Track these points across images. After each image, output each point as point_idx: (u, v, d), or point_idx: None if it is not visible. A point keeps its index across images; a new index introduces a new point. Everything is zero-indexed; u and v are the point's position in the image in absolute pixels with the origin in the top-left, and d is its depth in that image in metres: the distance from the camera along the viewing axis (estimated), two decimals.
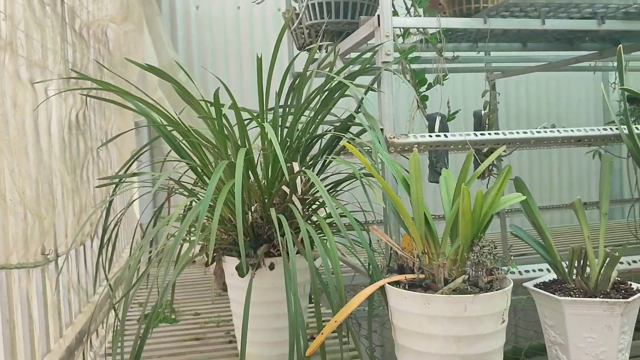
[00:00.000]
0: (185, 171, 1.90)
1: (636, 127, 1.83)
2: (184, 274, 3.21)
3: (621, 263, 1.81)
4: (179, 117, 1.71)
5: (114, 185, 1.78)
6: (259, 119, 1.68)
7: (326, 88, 1.73)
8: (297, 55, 1.90)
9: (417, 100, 1.95)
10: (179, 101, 1.84)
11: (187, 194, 1.81)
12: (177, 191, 1.88)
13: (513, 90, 4.65)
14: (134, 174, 1.81)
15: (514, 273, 1.72)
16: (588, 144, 3.14)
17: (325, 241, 1.49)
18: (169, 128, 1.75)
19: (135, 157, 1.86)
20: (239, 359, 1.45)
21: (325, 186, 1.82)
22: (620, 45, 1.82)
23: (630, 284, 1.55)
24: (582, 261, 1.55)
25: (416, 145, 1.66)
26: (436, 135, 1.71)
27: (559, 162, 4.85)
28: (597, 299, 1.43)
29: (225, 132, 1.60)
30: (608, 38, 2.43)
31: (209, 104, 1.72)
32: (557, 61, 2.93)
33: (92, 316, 1.79)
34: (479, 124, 2.63)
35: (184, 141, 1.76)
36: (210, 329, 2.19)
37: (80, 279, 1.95)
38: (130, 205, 2.00)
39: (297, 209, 1.54)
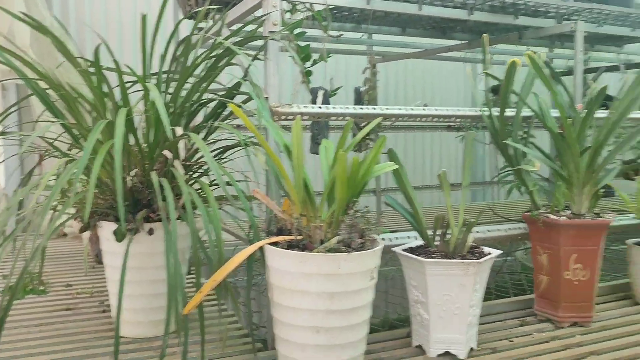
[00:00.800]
0: (61, 134, 1.81)
1: (496, 111, 2.04)
2: (55, 246, 3.05)
3: (478, 232, 2.01)
4: (54, 73, 1.62)
5: None
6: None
7: (213, 55, 1.73)
8: (182, 19, 1.87)
9: (302, 75, 2.00)
10: (52, 66, 1.74)
11: (62, 156, 1.73)
12: (50, 154, 1.79)
13: (392, 77, 4.90)
14: (2, 133, 1.69)
15: (384, 240, 1.84)
16: (456, 125, 3.41)
17: (207, 207, 1.50)
18: (44, 86, 1.65)
19: (2, 117, 1.74)
20: (115, 325, 1.43)
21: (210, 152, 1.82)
22: (486, 34, 2.00)
23: (483, 249, 1.74)
24: (444, 228, 1.71)
25: (299, 115, 1.72)
26: (319, 107, 1.78)
27: (431, 147, 5.21)
28: (455, 260, 1.59)
29: (105, 89, 1.55)
30: (476, 30, 2.65)
31: (88, 63, 1.65)
32: (431, 49, 3.14)
33: None
34: (359, 99, 2.76)
35: (58, 100, 1.67)
36: (83, 300, 2.12)
37: None
38: None
39: (180, 173, 1.54)
